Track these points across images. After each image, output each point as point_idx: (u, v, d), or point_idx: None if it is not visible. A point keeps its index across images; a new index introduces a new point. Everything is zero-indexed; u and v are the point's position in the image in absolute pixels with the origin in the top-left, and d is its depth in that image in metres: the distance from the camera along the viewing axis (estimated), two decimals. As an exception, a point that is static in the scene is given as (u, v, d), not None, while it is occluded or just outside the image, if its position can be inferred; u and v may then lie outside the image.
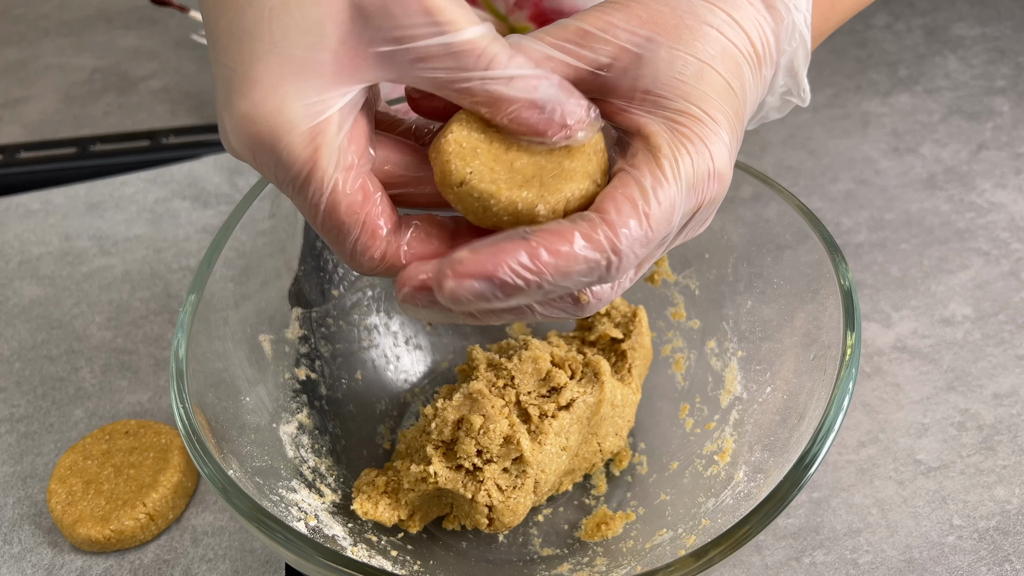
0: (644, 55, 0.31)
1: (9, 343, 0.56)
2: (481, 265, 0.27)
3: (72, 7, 0.92)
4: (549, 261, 0.28)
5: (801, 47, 0.35)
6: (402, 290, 0.30)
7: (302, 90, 0.28)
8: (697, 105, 0.31)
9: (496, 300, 0.28)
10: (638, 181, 0.29)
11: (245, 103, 0.29)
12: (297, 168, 0.29)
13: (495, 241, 0.28)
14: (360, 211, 0.30)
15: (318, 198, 0.29)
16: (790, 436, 0.38)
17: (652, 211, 0.29)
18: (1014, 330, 0.54)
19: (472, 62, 0.29)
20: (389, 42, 0.28)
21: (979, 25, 0.80)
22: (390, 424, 0.49)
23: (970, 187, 0.64)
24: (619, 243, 0.28)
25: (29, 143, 0.69)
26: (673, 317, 0.49)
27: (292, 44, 0.28)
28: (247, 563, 0.45)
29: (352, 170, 0.30)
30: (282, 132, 0.28)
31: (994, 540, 0.45)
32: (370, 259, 0.30)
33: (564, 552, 0.44)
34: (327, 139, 0.29)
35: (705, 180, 0.30)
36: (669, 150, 0.30)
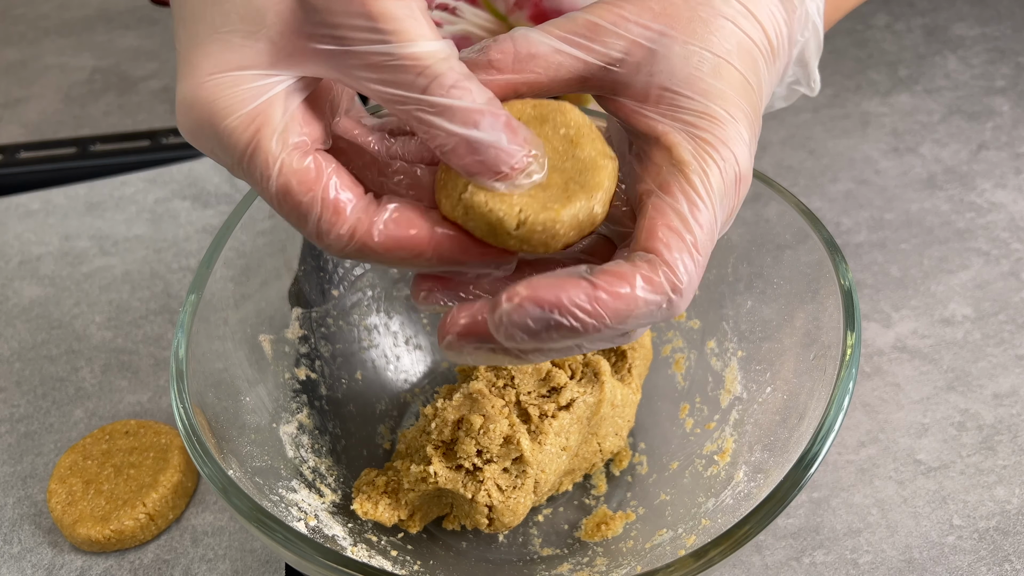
0: (658, 50, 0.30)
1: (9, 343, 0.56)
2: (542, 299, 0.26)
3: (72, 7, 0.92)
4: (610, 304, 0.27)
5: (813, 37, 0.34)
6: (446, 337, 0.29)
7: (238, 76, 0.28)
8: (716, 103, 0.30)
9: (549, 339, 0.27)
10: (676, 209, 0.28)
11: (185, 87, 0.28)
12: (240, 150, 0.28)
13: (555, 276, 0.27)
14: (315, 186, 0.28)
15: (267, 179, 0.28)
16: (790, 436, 0.38)
17: (699, 239, 0.28)
18: (1014, 330, 0.54)
19: (411, 79, 0.27)
20: (329, 40, 0.27)
21: (979, 25, 0.80)
22: (390, 424, 0.49)
23: (970, 187, 0.64)
24: (679, 282, 0.28)
25: (29, 143, 0.69)
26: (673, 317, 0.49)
27: (232, 30, 0.28)
28: (247, 563, 0.45)
29: (301, 149, 0.28)
30: (221, 116, 0.28)
31: (994, 540, 0.45)
32: (337, 237, 0.29)
33: (564, 552, 0.44)
34: (269, 119, 0.28)
35: (734, 186, 0.30)
36: (697, 164, 0.29)
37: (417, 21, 0.27)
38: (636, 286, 0.27)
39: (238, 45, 0.28)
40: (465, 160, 0.28)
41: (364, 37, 0.27)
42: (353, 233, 0.29)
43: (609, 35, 0.30)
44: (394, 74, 0.27)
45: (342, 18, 0.27)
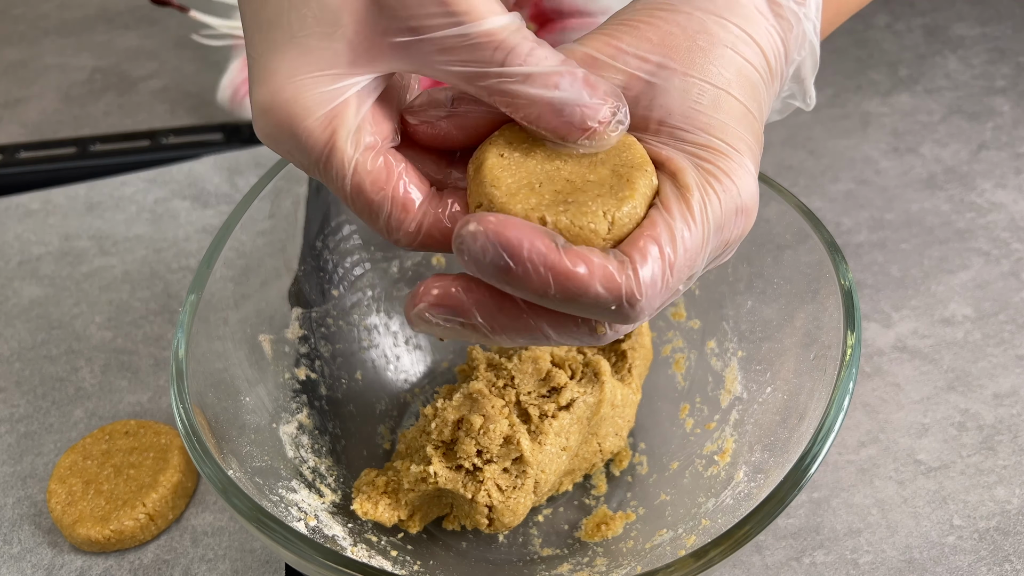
0: (657, 83, 0.30)
1: (9, 343, 0.56)
2: (504, 235, 0.27)
3: (72, 7, 0.92)
4: (561, 278, 0.27)
5: (810, 56, 0.34)
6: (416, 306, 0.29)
7: (318, 79, 0.29)
8: (718, 137, 0.30)
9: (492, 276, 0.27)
10: (668, 224, 0.28)
11: (264, 92, 0.29)
12: (317, 152, 0.29)
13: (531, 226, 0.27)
14: (386, 186, 0.29)
15: (342, 179, 0.29)
16: (790, 436, 0.38)
17: (678, 261, 0.28)
18: (1014, 330, 0.54)
19: (489, 55, 0.28)
20: (405, 32, 0.28)
21: (979, 25, 0.80)
22: (390, 424, 0.49)
23: (970, 187, 0.64)
24: (638, 293, 0.27)
25: (29, 143, 0.69)
26: (673, 317, 0.49)
27: (309, 34, 0.28)
28: (247, 563, 0.45)
29: (373, 149, 0.30)
30: (299, 119, 0.29)
31: (994, 540, 0.45)
32: (406, 233, 0.30)
33: (564, 552, 0.44)
34: (344, 121, 0.29)
35: (733, 217, 0.30)
36: (699, 193, 0.29)
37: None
38: (594, 276, 0.27)
39: (316, 48, 0.28)
40: (553, 123, 0.29)
41: (438, 23, 0.28)
42: (419, 228, 0.30)
43: (607, 69, 0.31)
44: (472, 53, 0.28)
45: (415, 8, 0.28)
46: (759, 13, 0.32)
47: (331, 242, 0.48)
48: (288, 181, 0.45)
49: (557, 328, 0.29)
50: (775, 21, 0.32)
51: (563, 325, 0.29)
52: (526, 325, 0.29)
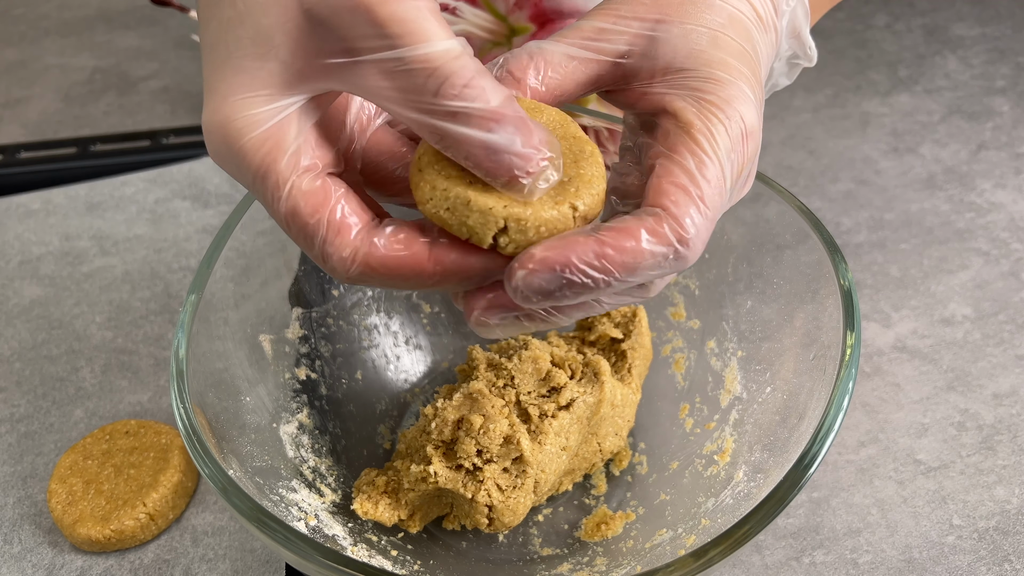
0: (658, 35, 0.32)
1: (9, 343, 0.56)
2: (550, 261, 0.27)
3: (72, 7, 0.92)
4: (616, 258, 0.27)
5: (799, 4, 0.35)
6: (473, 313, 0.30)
7: (251, 99, 0.28)
8: (717, 69, 0.31)
9: (564, 298, 0.28)
10: (682, 166, 0.29)
11: (206, 112, 0.29)
12: (252, 172, 0.29)
13: (563, 237, 0.28)
14: (321, 209, 0.29)
15: (277, 200, 0.29)
16: (790, 436, 0.38)
17: (705, 192, 0.29)
18: (1014, 330, 0.54)
19: (421, 82, 0.27)
20: (339, 54, 0.27)
21: (979, 25, 0.80)
22: (390, 424, 0.49)
23: (970, 187, 0.64)
24: (686, 233, 0.28)
25: (29, 143, 0.69)
26: (673, 317, 0.49)
27: (244, 55, 0.28)
28: (247, 563, 0.45)
29: (312, 171, 0.29)
30: (235, 139, 0.28)
31: (994, 540, 0.45)
32: (340, 260, 0.29)
33: (564, 552, 0.44)
34: (281, 142, 0.28)
35: (741, 142, 0.30)
36: (702, 124, 0.30)
37: (426, 21, 0.27)
38: (641, 239, 0.28)
39: (250, 68, 0.28)
40: (484, 165, 0.28)
41: (372, 45, 0.27)
42: (355, 256, 0.29)
43: (613, 34, 0.32)
44: (405, 79, 0.27)
45: (349, 29, 0.27)
46: None
47: (331, 242, 0.48)
48: (288, 181, 0.45)
49: (611, 296, 0.30)
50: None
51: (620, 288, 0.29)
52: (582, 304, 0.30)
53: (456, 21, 0.62)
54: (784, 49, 0.36)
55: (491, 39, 0.63)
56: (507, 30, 0.63)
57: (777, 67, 0.37)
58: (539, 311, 0.30)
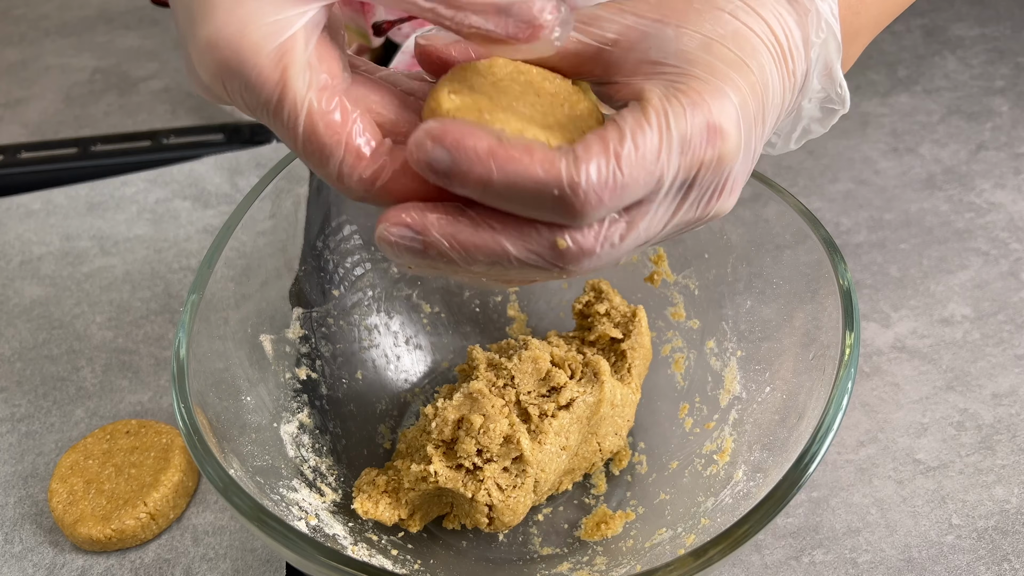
0: (649, 32, 0.30)
1: (10, 343, 0.56)
2: (447, 133, 0.27)
3: (73, 7, 0.92)
4: (503, 163, 0.26)
5: (831, 38, 0.33)
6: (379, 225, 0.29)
7: (261, 10, 0.27)
8: (701, 69, 0.29)
9: (450, 178, 0.27)
10: (618, 126, 0.28)
11: (207, 28, 0.27)
12: (268, 90, 0.28)
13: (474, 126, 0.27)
14: (341, 130, 0.28)
15: (294, 120, 0.28)
16: (789, 436, 0.38)
17: (625, 152, 0.27)
18: (1013, 330, 0.55)
19: None
20: None
21: (978, 25, 0.80)
22: (390, 424, 0.49)
23: (969, 187, 0.64)
24: (578, 177, 0.26)
25: (30, 143, 0.69)
26: (673, 317, 0.49)
27: None
28: (248, 562, 0.45)
29: (327, 89, 0.28)
30: (248, 54, 0.27)
31: (993, 539, 0.45)
32: (359, 180, 0.29)
33: (564, 551, 0.44)
34: (294, 57, 0.27)
35: (702, 134, 0.28)
36: (659, 102, 0.28)
37: None
38: (535, 158, 0.26)
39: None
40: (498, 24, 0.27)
41: None
42: (374, 177, 0.29)
43: (606, 21, 0.31)
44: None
45: None
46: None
47: (332, 242, 0.48)
48: (289, 181, 0.45)
49: (515, 240, 0.28)
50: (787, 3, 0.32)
51: (521, 235, 0.28)
52: (484, 240, 0.28)
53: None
54: (816, 90, 0.34)
55: (491, 39, 0.63)
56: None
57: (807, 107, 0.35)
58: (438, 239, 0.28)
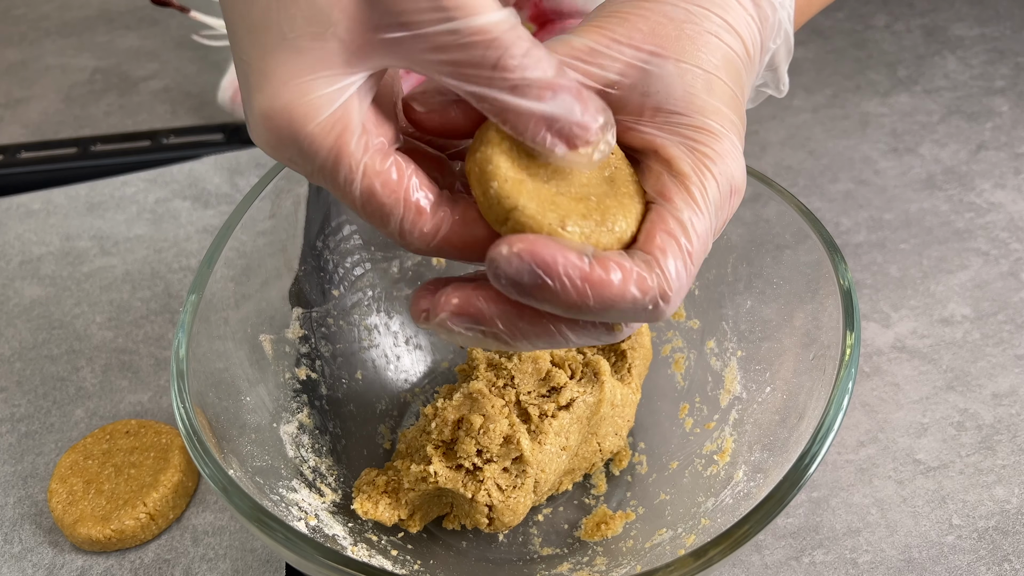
0: (652, 70, 0.31)
1: (10, 343, 0.56)
2: (538, 255, 0.27)
3: (73, 7, 0.92)
4: (599, 288, 0.27)
5: (784, 44, 0.35)
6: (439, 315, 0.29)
7: (315, 81, 0.28)
8: (712, 119, 0.31)
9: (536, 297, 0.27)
10: (676, 217, 0.29)
11: (262, 99, 0.28)
12: (323, 157, 0.28)
13: (560, 242, 0.27)
14: (398, 189, 0.29)
15: (351, 184, 0.29)
16: (789, 436, 0.38)
17: (695, 247, 0.29)
18: (1013, 330, 0.54)
19: (480, 54, 0.27)
20: (396, 28, 0.27)
21: (978, 25, 0.80)
22: (390, 424, 0.49)
23: (969, 187, 0.64)
24: (669, 289, 0.28)
25: (30, 143, 0.69)
26: (673, 317, 0.49)
27: (300, 35, 0.27)
28: (247, 563, 0.45)
29: (381, 150, 0.29)
30: (301, 124, 0.28)
31: (993, 540, 0.45)
32: (421, 235, 0.29)
33: (564, 552, 0.44)
34: (349, 124, 0.28)
35: (728, 198, 0.31)
36: (696, 177, 0.30)
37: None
38: (629, 281, 0.27)
39: (309, 48, 0.27)
40: (540, 136, 0.28)
41: (430, 18, 0.27)
42: (435, 231, 0.29)
43: (605, 58, 0.31)
44: (464, 52, 0.27)
45: (405, 3, 0.27)
46: (738, 3, 0.33)
47: (332, 242, 0.48)
48: (289, 181, 0.45)
49: (577, 331, 0.29)
50: (753, 10, 0.33)
51: (583, 327, 0.29)
52: (546, 330, 0.29)
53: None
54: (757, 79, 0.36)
55: (491, 39, 0.63)
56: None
57: None
58: (502, 331, 0.29)
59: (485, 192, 0.29)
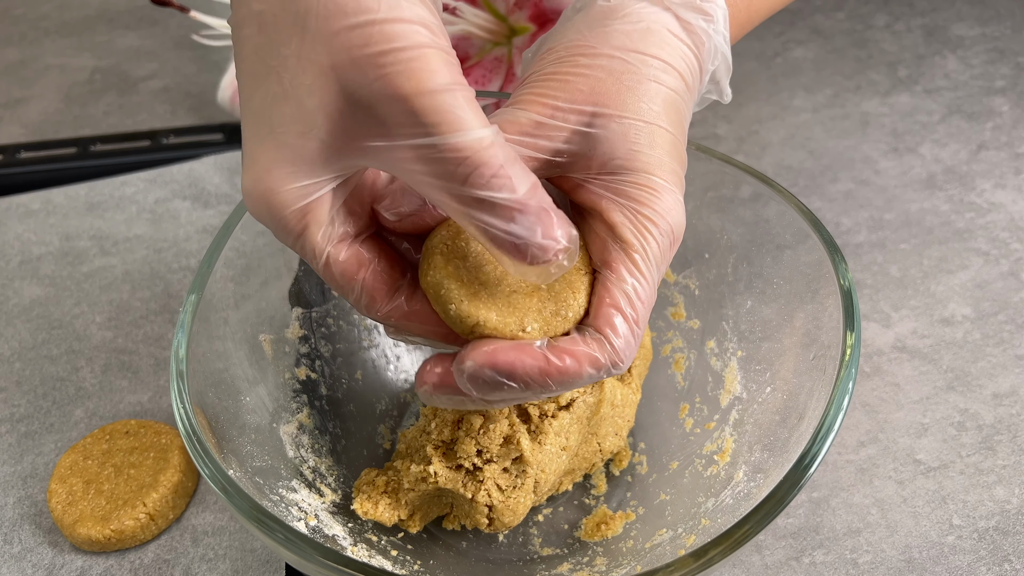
0: (596, 132, 0.33)
1: (9, 343, 0.56)
2: (498, 365, 0.30)
3: (72, 7, 0.92)
4: (556, 376, 0.31)
5: (723, 63, 0.37)
6: (422, 387, 0.33)
7: (292, 174, 0.30)
8: (655, 174, 0.32)
9: (504, 393, 0.31)
10: (621, 289, 0.32)
11: (247, 179, 0.31)
12: (292, 239, 0.31)
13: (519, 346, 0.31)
14: (356, 277, 0.32)
15: (316, 266, 0.32)
16: (790, 436, 0.38)
17: (640, 315, 0.32)
18: (1014, 330, 0.54)
19: (452, 170, 0.28)
20: (376, 137, 0.29)
21: (979, 25, 0.80)
22: (390, 424, 0.49)
23: (970, 187, 0.64)
24: (620, 361, 0.32)
25: (30, 143, 0.69)
26: (673, 317, 0.49)
27: (287, 131, 0.29)
28: (247, 563, 0.45)
29: (345, 240, 0.32)
30: (276, 209, 0.30)
31: (994, 540, 0.45)
32: (375, 314, 0.33)
33: (564, 552, 0.44)
34: (317, 216, 0.31)
35: (669, 249, 0.33)
36: (638, 243, 0.32)
37: (461, 111, 0.28)
38: (583, 364, 0.31)
39: (292, 144, 0.29)
40: (502, 251, 0.29)
41: (409, 131, 0.28)
42: (388, 317, 0.33)
43: (551, 129, 0.33)
44: (437, 165, 0.28)
45: (387, 115, 0.28)
46: (672, 35, 0.34)
47: (331, 242, 0.48)
48: (288, 181, 0.45)
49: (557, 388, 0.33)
50: (688, 38, 0.35)
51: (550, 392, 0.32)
52: (519, 396, 0.32)
53: (456, 21, 0.62)
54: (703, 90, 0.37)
55: (491, 39, 0.63)
56: (507, 30, 0.63)
57: None
58: (479, 397, 0.32)
59: (446, 312, 0.32)
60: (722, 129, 0.71)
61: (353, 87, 0.28)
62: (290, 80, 0.29)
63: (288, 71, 0.28)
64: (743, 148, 0.69)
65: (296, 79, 0.28)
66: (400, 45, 0.27)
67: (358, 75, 0.28)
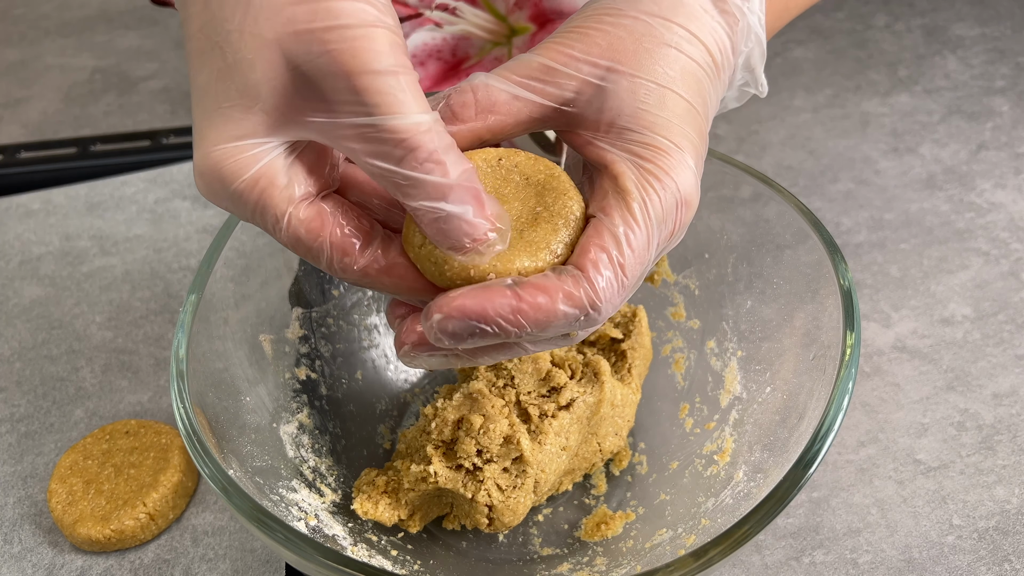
0: (607, 87, 0.32)
1: (9, 343, 0.56)
2: (467, 309, 0.29)
3: (72, 7, 0.92)
4: (530, 314, 0.29)
5: (757, 46, 0.36)
6: (402, 347, 0.32)
7: (239, 146, 0.30)
8: (661, 135, 0.32)
9: (476, 342, 0.30)
10: (611, 231, 0.30)
11: (198, 156, 0.30)
12: (250, 208, 0.31)
13: (483, 287, 0.29)
14: (322, 232, 0.31)
15: (279, 232, 0.31)
16: (790, 436, 0.38)
17: (627, 261, 0.30)
18: (1014, 330, 0.54)
19: (388, 150, 0.29)
20: (319, 113, 0.29)
21: (979, 25, 0.80)
22: (390, 424, 0.49)
23: (970, 187, 0.64)
24: (598, 300, 0.30)
25: (30, 143, 0.69)
26: (673, 317, 0.49)
27: (231, 105, 0.29)
28: (247, 563, 0.45)
29: (307, 199, 0.31)
30: (228, 181, 0.30)
31: (993, 540, 0.45)
32: (352, 273, 0.32)
33: (564, 552, 0.44)
34: (273, 179, 0.30)
35: (674, 211, 0.31)
36: (638, 193, 0.31)
37: (402, 93, 0.28)
38: (557, 300, 0.29)
39: (237, 118, 0.30)
40: (431, 228, 0.30)
41: (351, 109, 0.28)
42: (364, 271, 0.32)
43: (561, 76, 0.32)
44: (376, 144, 0.29)
45: (331, 92, 0.28)
46: (703, 11, 0.33)
47: (331, 242, 0.48)
48: (288, 181, 0.45)
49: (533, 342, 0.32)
50: (720, 17, 0.34)
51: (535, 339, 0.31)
52: (504, 346, 0.31)
53: (456, 21, 0.62)
54: (738, 79, 0.37)
55: (491, 39, 0.63)
56: (507, 30, 0.63)
57: (728, 93, 0.38)
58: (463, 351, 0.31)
59: (417, 256, 0.31)
60: (722, 129, 0.71)
61: (298, 60, 0.28)
62: (233, 55, 0.29)
63: (231, 46, 0.29)
64: (743, 148, 0.69)
65: (239, 53, 0.28)
66: (346, 23, 0.28)
67: (302, 49, 0.28)
